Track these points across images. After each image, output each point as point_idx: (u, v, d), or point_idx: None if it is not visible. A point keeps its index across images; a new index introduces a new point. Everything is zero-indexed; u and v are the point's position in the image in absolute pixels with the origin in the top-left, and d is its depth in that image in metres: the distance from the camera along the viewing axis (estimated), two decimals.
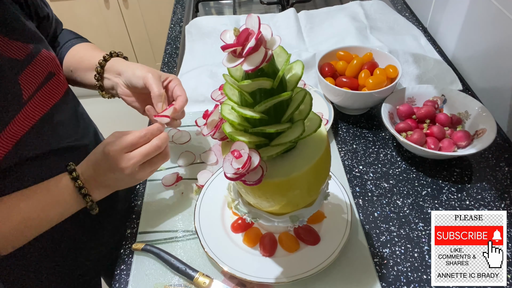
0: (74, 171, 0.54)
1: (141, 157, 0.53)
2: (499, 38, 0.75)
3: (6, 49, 0.51)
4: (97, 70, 0.65)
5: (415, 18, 1.13)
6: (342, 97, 0.76)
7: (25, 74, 0.53)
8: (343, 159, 0.73)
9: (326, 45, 0.98)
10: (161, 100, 0.60)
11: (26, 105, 0.53)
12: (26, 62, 0.54)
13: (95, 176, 0.53)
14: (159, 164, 0.57)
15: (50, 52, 0.59)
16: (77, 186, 0.53)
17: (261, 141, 0.43)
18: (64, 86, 0.62)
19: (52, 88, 0.58)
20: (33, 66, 0.54)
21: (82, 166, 0.55)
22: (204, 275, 0.56)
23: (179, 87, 0.63)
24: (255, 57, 0.37)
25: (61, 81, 0.61)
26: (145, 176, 0.56)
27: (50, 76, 0.58)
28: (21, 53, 0.53)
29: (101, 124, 0.86)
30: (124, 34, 2.28)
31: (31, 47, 0.55)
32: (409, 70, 0.89)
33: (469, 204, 0.64)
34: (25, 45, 0.54)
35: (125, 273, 0.58)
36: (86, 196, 0.54)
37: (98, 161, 0.53)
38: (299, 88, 0.44)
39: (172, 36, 1.15)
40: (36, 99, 0.55)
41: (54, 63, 0.59)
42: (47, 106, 0.57)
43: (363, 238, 0.60)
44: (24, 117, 0.52)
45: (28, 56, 0.54)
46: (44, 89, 0.56)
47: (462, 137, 0.67)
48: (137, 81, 0.61)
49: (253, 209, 0.52)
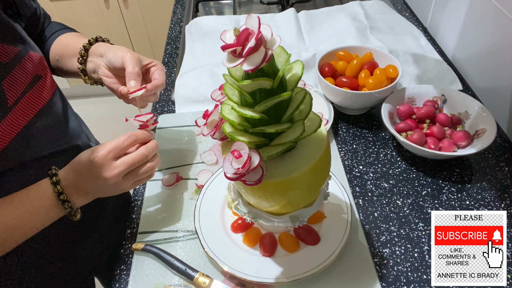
0: (55, 176, 0.52)
1: (125, 166, 0.52)
2: (499, 38, 0.75)
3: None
4: (81, 53, 0.64)
5: (415, 18, 1.13)
6: (342, 97, 0.76)
7: (9, 78, 0.51)
8: (343, 159, 0.73)
9: (326, 45, 0.98)
10: (133, 78, 0.59)
11: (12, 110, 0.51)
12: (11, 65, 0.52)
13: (77, 182, 0.52)
14: (144, 177, 0.55)
15: (37, 54, 0.58)
16: (56, 191, 0.51)
17: (261, 141, 0.43)
18: (52, 88, 0.61)
19: (39, 91, 0.57)
20: (18, 69, 0.53)
21: (65, 171, 0.53)
22: (204, 275, 0.56)
23: (159, 72, 0.63)
24: (255, 57, 0.37)
25: (48, 83, 0.59)
26: (127, 188, 0.55)
27: (36, 79, 0.56)
28: (6, 56, 0.52)
29: (93, 125, 0.85)
30: (124, 34, 2.28)
31: (17, 50, 0.53)
32: (409, 70, 0.89)
33: (469, 204, 0.64)
34: (11, 47, 0.53)
35: (125, 273, 0.58)
36: (65, 203, 0.51)
37: (82, 167, 0.51)
38: (299, 88, 0.44)
39: (172, 36, 1.15)
40: (22, 104, 0.53)
41: (41, 65, 0.58)
42: (34, 110, 0.55)
43: (363, 238, 0.59)
44: (10, 124, 0.51)
45: (13, 59, 0.52)
46: (30, 93, 0.55)
47: (462, 137, 0.67)
48: (116, 60, 0.60)
49: (253, 209, 0.52)
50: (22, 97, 0.53)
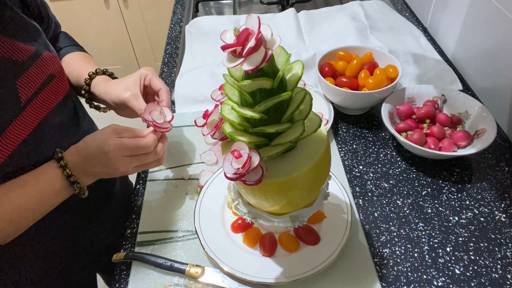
0: (62, 159, 0.53)
1: (138, 163, 0.56)
2: (499, 38, 0.75)
3: (7, 51, 0.50)
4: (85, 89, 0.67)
5: (415, 18, 1.14)
6: (342, 97, 0.76)
7: (24, 77, 0.52)
8: (343, 159, 0.73)
9: (326, 45, 0.98)
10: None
11: (25, 109, 0.52)
12: (27, 64, 0.53)
13: (85, 167, 0.54)
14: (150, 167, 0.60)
15: (52, 53, 0.59)
16: (65, 174, 0.53)
17: (261, 141, 0.43)
18: (66, 88, 0.62)
19: (52, 90, 0.58)
20: (33, 68, 0.54)
21: (71, 154, 0.54)
22: (194, 265, 0.56)
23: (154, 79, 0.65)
24: (255, 57, 0.37)
25: (62, 82, 0.60)
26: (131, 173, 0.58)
27: (50, 78, 0.57)
28: (23, 55, 0.52)
29: (100, 123, 0.86)
30: (124, 34, 2.28)
31: (33, 49, 0.54)
32: (409, 70, 0.89)
33: (469, 204, 0.64)
34: (28, 47, 0.54)
35: (125, 273, 0.58)
36: (74, 184, 0.54)
37: (92, 155, 0.53)
38: (299, 88, 0.44)
39: (172, 36, 1.15)
40: (35, 103, 0.54)
41: (55, 65, 0.59)
42: (47, 109, 0.56)
43: (363, 238, 0.60)
44: (22, 123, 0.51)
45: (30, 58, 0.53)
46: (44, 92, 0.56)
47: (462, 137, 0.67)
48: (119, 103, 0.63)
49: (253, 209, 0.52)
50: (36, 96, 0.54)
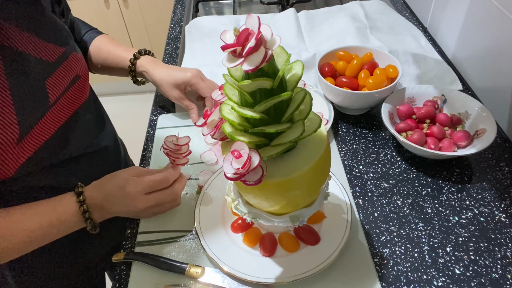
0: (82, 194, 0.55)
1: (156, 202, 0.57)
2: (499, 38, 0.75)
3: (39, 51, 0.51)
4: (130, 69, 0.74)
5: (415, 18, 1.13)
6: (342, 97, 0.76)
7: (53, 78, 0.53)
8: (343, 159, 0.73)
9: (326, 45, 0.98)
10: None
11: (51, 109, 0.53)
12: (56, 64, 0.53)
13: (102, 203, 0.55)
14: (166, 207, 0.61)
15: (78, 54, 0.59)
16: (81, 210, 0.54)
17: (261, 141, 0.43)
18: (88, 88, 0.63)
19: (77, 91, 0.59)
20: (62, 69, 0.54)
21: (91, 190, 0.56)
22: (194, 265, 0.56)
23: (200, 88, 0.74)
24: (255, 57, 0.37)
25: (86, 83, 0.61)
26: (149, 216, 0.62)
27: (76, 79, 0.58)
28: (53, 56, 0.53)
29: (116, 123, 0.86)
30: (124, 34, 2.27)
31: (62, 50, 0.55)
32: (409, 70, 0.88)
33: (469, 204, 0.64)
34: (58, 48, 0.54)
35: (125, 273, 0.58)
36: (88, 220, 0.55)
37: (112, 194, 0.55)
38: (299, 88, 0.44)
39: (172, 36, 1.14)
40: (61, 103, 0.55)
41: (82, 66, 0.59)
42: (71, 109, 0.57)
43: (363, 238, 0.59)
44: (48, 122, 0.52)
45: (59, 58, 0.54)
46: (69, 92, 0.57)
47: (462, 137, 0.67)
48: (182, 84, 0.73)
49: (253, 209, 0.52)
50: (62, 96, 0.55)
